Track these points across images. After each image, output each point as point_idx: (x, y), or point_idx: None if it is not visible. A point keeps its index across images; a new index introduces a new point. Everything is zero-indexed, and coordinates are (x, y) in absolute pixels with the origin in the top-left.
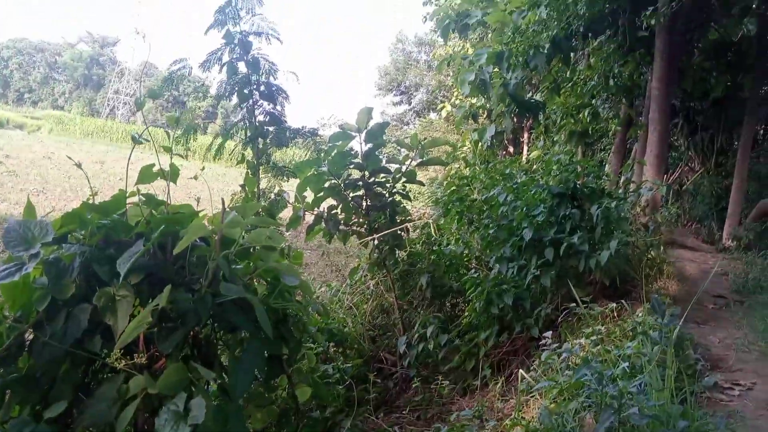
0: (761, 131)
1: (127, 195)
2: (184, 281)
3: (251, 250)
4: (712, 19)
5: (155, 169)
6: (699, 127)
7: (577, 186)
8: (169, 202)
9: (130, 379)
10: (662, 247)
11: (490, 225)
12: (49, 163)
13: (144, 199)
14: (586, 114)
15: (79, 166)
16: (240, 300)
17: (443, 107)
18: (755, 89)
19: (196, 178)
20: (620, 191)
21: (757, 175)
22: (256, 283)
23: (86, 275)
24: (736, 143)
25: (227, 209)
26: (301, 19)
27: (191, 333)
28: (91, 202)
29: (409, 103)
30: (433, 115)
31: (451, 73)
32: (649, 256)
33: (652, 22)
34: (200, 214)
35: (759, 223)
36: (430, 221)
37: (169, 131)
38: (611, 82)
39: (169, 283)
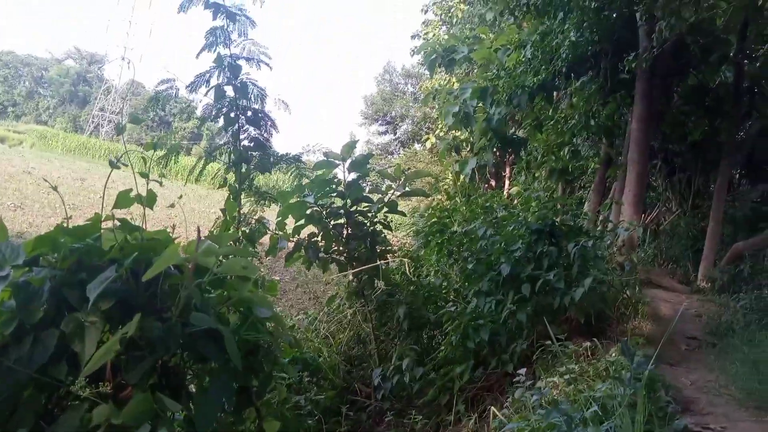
0: (737, 175)
1: (103, 219)
2: (155, 309)
3: (225, 279)
4: (691, 66)
5: (133, 194)
6: (677, 168)
7: (555, 223)
8: (144, 227)
9: (95, 408)
10: (637, 287)
11: (469, 258)
12: (28, 178)
13: (119, 223)
14: (566, 152)
15: (54, 189)
16: (211, 330)
17: (428, 139)
18: (731, 134)
19: (172, 206)
20: (598, 230)
21: (732, 219)
22: (228, 313)
23: (56, 300)
24: (712, 186)
25: (203, 237)
26: (301, 20)
27: (160, 362)
28: (65, 225)
29: (395, 133)
30: (417, 146)
31: (437, 106)
32: (625, 295)
33: (634, 66)
34: (176, 242)
35: (733, 266)
36: (406, 261)
37: (146, 157)
38: (592, 122)
39: (140, 311)
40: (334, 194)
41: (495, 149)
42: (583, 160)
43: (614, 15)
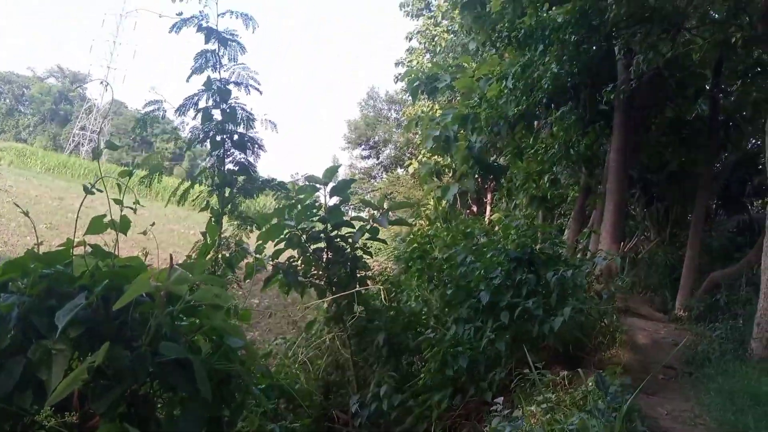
0: (714, 206)
1: (76, 244)
2: (125, 337)
3: (198, 307)
4: (668, 98)
5: (107, 219)
6: (655, 198)
7: (534, 251)
8: (117, 253)
9: None
10: (615, 316)
11: (449, 285)
12: (5, 196)
13: (91, 249)
14: (546, 180)
15: (26, 214)
16: (181, 359)
17: (410, 164)
18: (708, 165)
19: (144, 233)
20: (578, 258)
21: (709, 248)
22: (201, 341)
23: (24, 326)
24: (689, 216)
25: (176, 265)
26: (287, 42)
27: (128, 391)
28: (35, 249)
29: (378, 158)
30: (400, 171)
31: (420, 132)
32: (603, 324)
33: (612, 98)
34: (149, 268)
35: (709, 295)
36: (382, 289)
37: (121, 184)
38: (572, 152)
39: (110, 339)
40: (315, 218)
41: (476, 176)
42: (563, 188)
43: (593, 48)
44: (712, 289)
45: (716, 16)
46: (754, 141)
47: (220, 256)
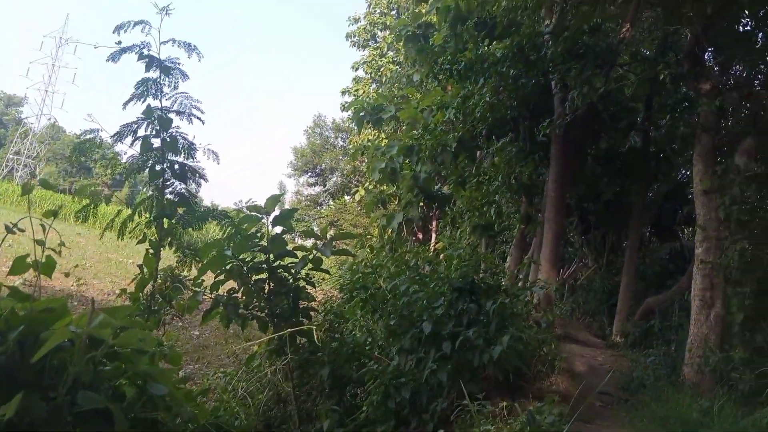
0: (647, 234)
1: None
2: (42, 385)
3: (122, 351)
4: (602, 131)
5: (30, 259)
6: (592, 226)
7: (475, 281)
8: (38, 295)
9: None
10: (553, 345)
11: (392, 315)
12: None
13: (9, 291)
14: (488, 209)
15: None
16: (101, 408)
17: (357, 191)
18: (641, 196)
19: (67, 275)
20: (519, 285)
21: (644, 275)
22: (126, 387)
23: None
24: (625, 243)
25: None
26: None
27: None
28: None
29: (324, 185)
30: (347, 198)
31: (366, 160)
32: (542, 352)
33: (548, 130)
34: (70, 314)
35: (644, 321)
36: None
37: (45, 224)
38: (512, 181)
39: (26, 387)
40: (257, 249)
41: (421, 204)
42: (506, 217)
43: (531, 82)
44: (647, 315)
45: (647, 52)
46: (683, 172)
47: (157, 289)
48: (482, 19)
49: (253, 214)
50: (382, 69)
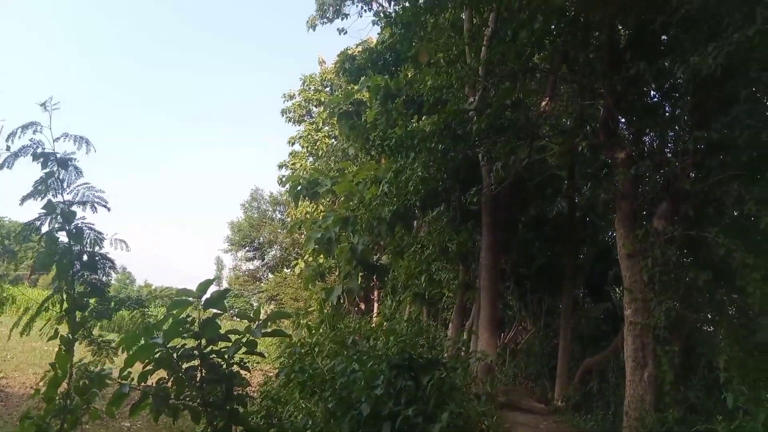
0: (581, 295)
1: None
2: None
3: None
4: (530, 199)
5: None
6: (528, 290)
7: (413, 357)
8: None
9: None
10: (494, 417)
11: (330, 398)
12: None
13: None
14: (423, 279)
15: None
16: None
17: (297, 264)
18: (570, 258)
19: None
20: (456, 358)
21: (581, 336)
22: None
23: None
24: (560, 305)
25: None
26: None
27: None
28: None
29: (263, 259)
30: (287, 271)
31: (305, 233)
32: (484, 426)
33: (476, 201)
34: None
35: (584, 384)
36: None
37: None
38: (449, 250)
39: None
40: (187, 334)
41: (361, 274)
42: (444, 284)
43: (459, 156)
44: (586, 377)
45: (567, 123)
46: (610, 234)
47: (73, 387)
48: (410, 97)
49: (184, 298)
50: (318, 143)
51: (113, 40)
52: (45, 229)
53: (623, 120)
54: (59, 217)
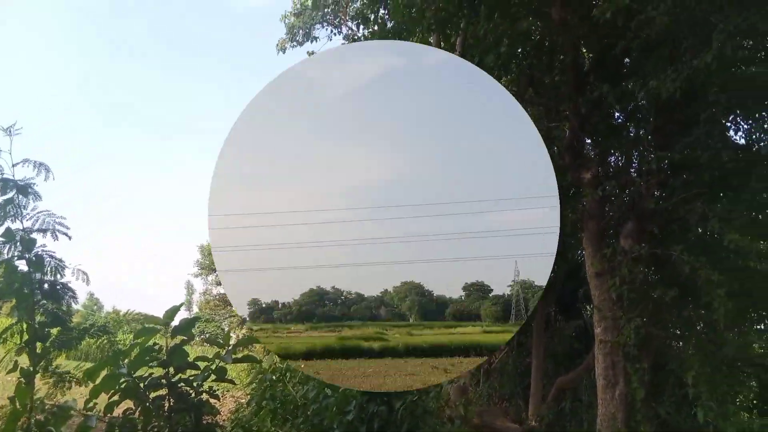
0: (553, 313)
1: None
2: None
3: None
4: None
5: None
6: None
7: None
8: None
9: None
10: None
11: (302, 426)
12: None
13: None
14: None
15: None
16: None
17: None
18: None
19: None
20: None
21: (554, 354)
22: None
23: None
24: (532, 323)
25: None
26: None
27: None
28: None
29: None
30: None
31: None
32: None
33: None
34: None
35: (557, 402)
36: None
37: None
38: None
39: None
40: (155, 363)
41: None
42: None
43: None
44: (559, 395)
45: None
46: (579, 252)
47: (32, 421)
48: None
49: (151, 326)
50: None
51: (113, 39)
52: (3, 257)
53: (589, 141)
54: (18, 244)
